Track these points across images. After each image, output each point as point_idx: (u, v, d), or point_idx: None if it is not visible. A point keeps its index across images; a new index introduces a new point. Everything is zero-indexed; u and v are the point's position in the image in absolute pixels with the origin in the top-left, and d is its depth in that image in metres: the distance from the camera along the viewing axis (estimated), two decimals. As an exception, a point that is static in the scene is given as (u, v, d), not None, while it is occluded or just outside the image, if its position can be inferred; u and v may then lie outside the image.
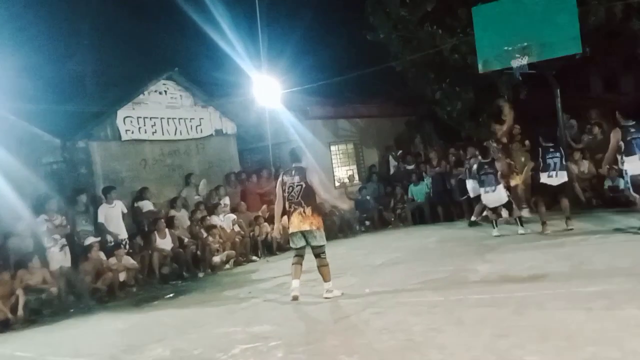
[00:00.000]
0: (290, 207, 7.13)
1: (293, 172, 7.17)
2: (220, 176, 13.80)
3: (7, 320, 8.29)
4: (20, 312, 8.41)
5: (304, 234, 6.98)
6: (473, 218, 11.90)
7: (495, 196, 10.32)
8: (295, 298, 6.97)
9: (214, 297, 8.52)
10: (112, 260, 10.01)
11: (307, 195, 7.02)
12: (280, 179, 7.36)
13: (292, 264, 7.16)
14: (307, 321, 6.15)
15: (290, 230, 7.18)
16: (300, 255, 7.15)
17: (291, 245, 7.28)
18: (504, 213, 11.00)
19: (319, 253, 7.00)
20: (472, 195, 12.10)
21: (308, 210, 6.98)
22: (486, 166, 10.39)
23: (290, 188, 7.08)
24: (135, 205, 11.77)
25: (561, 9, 11.22)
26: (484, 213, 11.55)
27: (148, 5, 17.76)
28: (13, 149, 9.95)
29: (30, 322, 8.48)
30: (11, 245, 9.41)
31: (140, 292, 10.02)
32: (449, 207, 14.05)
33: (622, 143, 8.45)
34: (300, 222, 6.98)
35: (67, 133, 11.55)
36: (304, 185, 7.02)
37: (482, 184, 10.46)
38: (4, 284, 8.58)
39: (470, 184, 12.10)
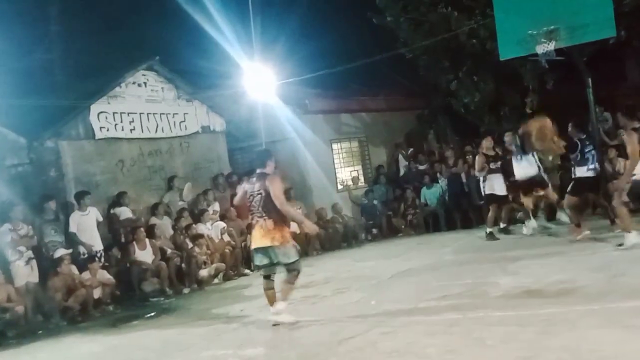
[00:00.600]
0: (252, 219, 7.11)
1: (255, 179, 7.10)
2: (207, 179, 13.81)
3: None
4: (-19, 334, 8.43)
5: (267, 250, 6.92)
6: (502, 225, 11.75)
7: (525, 167, 10.46)
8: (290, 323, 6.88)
9: (201, 316, 8.50)
10: (86, 274, 10.00)
11: (268, 205, 6.88)
12: (242, 186, 7.34)
13: (264, 290, 7.10)
14: (306, 343, 6.11)
15: (252, 246, 7.18)
16: (268, 276, 7.07)
17: (256, 262, 7.27)
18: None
19: (291, 270, 6.92)
20: (485, 191, 11.68)
21: (269, 222, 6.85)
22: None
23: (251, 197, 7.01)
24: (112, 212, 11.77)
25: (593, -14, 11.24)
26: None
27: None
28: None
29: (-8, 345, 8.48)
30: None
31: (118, 311, 10.01)
32: (467, 212, 14.06)
33: None
34: (261, 236, 6.90)
35: (33, 131, 11.55)
36: (263, 194, 6.90)
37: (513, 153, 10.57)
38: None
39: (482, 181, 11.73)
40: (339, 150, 16.13)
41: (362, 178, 16.43)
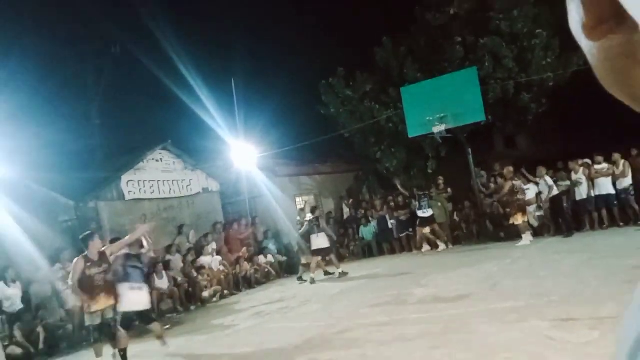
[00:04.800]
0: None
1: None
2: (207, 226, 13.56)
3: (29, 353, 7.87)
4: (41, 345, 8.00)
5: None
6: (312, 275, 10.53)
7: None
8: None
9: (203, 326, 8.28)
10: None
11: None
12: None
13: None
14: (280, 342, 6.02)
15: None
16: None
17: None
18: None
19: None
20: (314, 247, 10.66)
21: None
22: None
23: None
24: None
25: (468, 87, 11.79)
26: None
27: (145, 90, 17.81)
28: (35, 211, 9.75)
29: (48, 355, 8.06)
30: (33, 291, 9.05)
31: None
32: (392, 243, 14.11)
33: None
34: None
35: (79, 195, 11.31)
36: None
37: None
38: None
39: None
40: (301, 202, 16.09)
41: (317, 222, 16.32)
